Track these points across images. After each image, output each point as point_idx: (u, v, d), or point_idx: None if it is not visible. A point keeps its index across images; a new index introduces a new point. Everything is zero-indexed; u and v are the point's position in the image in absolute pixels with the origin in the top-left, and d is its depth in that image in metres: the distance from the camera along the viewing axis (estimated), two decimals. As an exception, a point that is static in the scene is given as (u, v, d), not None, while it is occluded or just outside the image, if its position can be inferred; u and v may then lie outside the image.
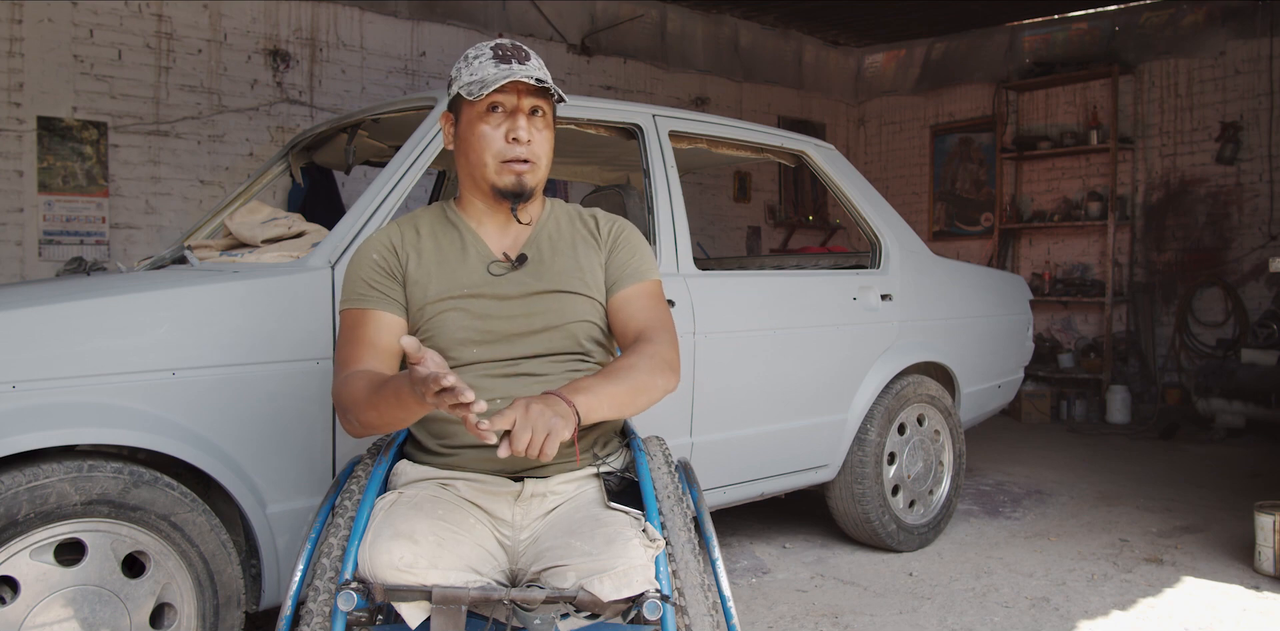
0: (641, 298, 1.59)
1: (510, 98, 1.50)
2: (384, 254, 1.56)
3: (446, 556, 1.28)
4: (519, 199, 1.55)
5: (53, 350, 1.70)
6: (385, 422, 1.37)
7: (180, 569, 1.80)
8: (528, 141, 1.51)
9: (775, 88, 7.51)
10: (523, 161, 1.51)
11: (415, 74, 5.57)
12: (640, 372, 1.43)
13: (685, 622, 1.36)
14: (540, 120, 1.53)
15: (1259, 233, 5.94)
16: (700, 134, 2.90)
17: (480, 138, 1.52)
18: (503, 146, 1.51)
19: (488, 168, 1.53)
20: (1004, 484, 4.33)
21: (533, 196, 1.58)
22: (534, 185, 1.55)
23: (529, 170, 1.52)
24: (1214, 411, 5.53)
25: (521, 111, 1.51)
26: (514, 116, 1.50)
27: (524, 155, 1.51)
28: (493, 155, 1.52)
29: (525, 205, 1.58)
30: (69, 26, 4.42)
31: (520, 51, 1.52)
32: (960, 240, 7.41)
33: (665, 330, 1.55)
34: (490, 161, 1.52)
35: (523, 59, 1.51)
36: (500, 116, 1.51)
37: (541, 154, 1.54)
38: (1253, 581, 2.95)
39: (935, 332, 3.41)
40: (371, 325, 1.51)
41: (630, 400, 1.41)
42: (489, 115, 1.51)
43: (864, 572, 3.05)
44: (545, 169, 1.56)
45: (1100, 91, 6.60)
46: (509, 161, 1.51)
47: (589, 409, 1.31)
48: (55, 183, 4.42)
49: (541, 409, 1.22)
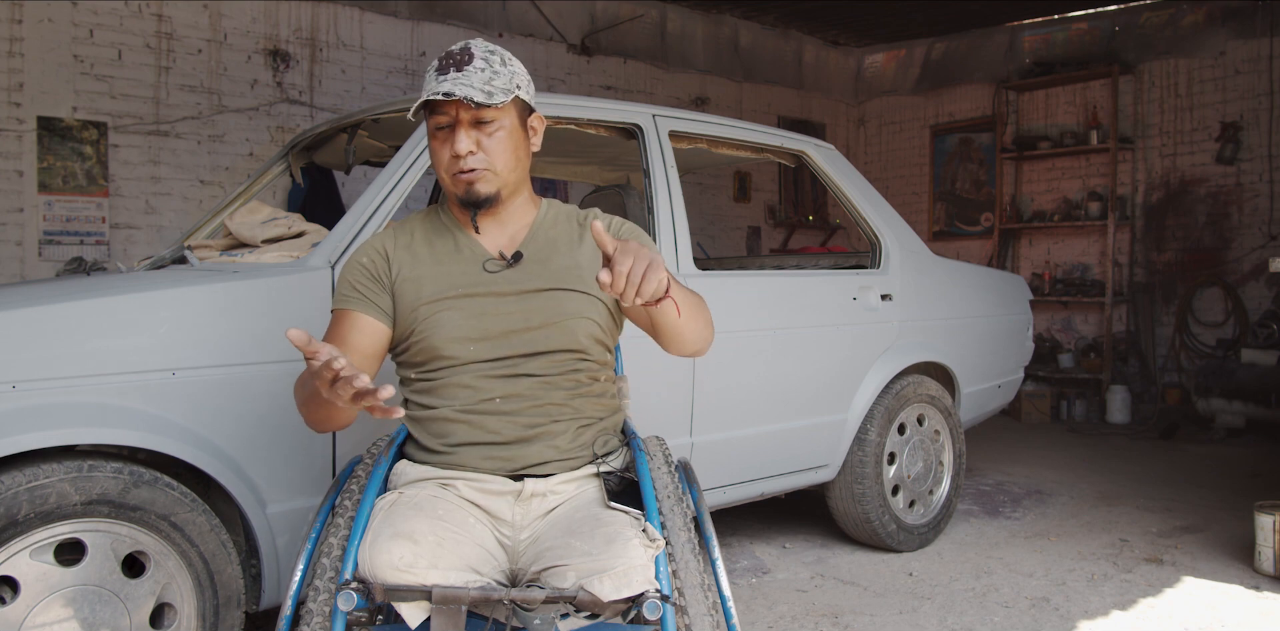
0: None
1: (449, 112, 1.47)
2: (374, 258, 1.56)
3: (446, 556, 1.28)
4: (477, 207, 1.53)
5: (53, 350, 1.70)
6: (318, 419, 1.41)
7: (180, 569, 1.80)
8: (468, 153, 1.47)
9: (775, 88, 7.51)
10: (469, 170, 1.49)
11: (415, 74, 5.57)
12: (705, 309, 1.51)
13: (685, 622, 1.36)
14: (490, 125, 1.48)
15: (1259, 233, 5.94)
16: (700, 134, 2.90)
17: (434, 157, 1.54)
18: (449, 161, 1.50)
19: (445, 182, 1.54)
20: (1004, 484, 4.33)
21: (496, 202, 1.53)
22: (490, 192, 1.51)
23: (479, 177, 1.49)
24: (1214, 411, 5.53)
25: (462, 125, 1.47)
26: (455, 131, 1.48)
27: (469, 166, 1.48)
28: (444, 170, 1.52)
29: (490, 212, 1.55)
30: (69, 26, 4.42)
31: (465, 56, 1.46)
32: (960, 240, 7.41)
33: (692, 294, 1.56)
34: (445, 176, 1.53)
35: (462, 65, 1.44)
36: (447, 131, 1.49)
37: (496, 159, 1.50)
38: (1253, 581, 2.95)
39: (935, 332, 3.41)
40: (347, 325, 1.51)
41: (695, 315, 1.45)
42: (437, 134, 1.51)
43: (864, 572, 3.05)
44: (508, 172, 1.52)
45: (1100, 91, 6.60)
46: (455, 174, 1.50)
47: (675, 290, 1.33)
48: (55, 183, 4.42)
49: (642, 249, 1.22)
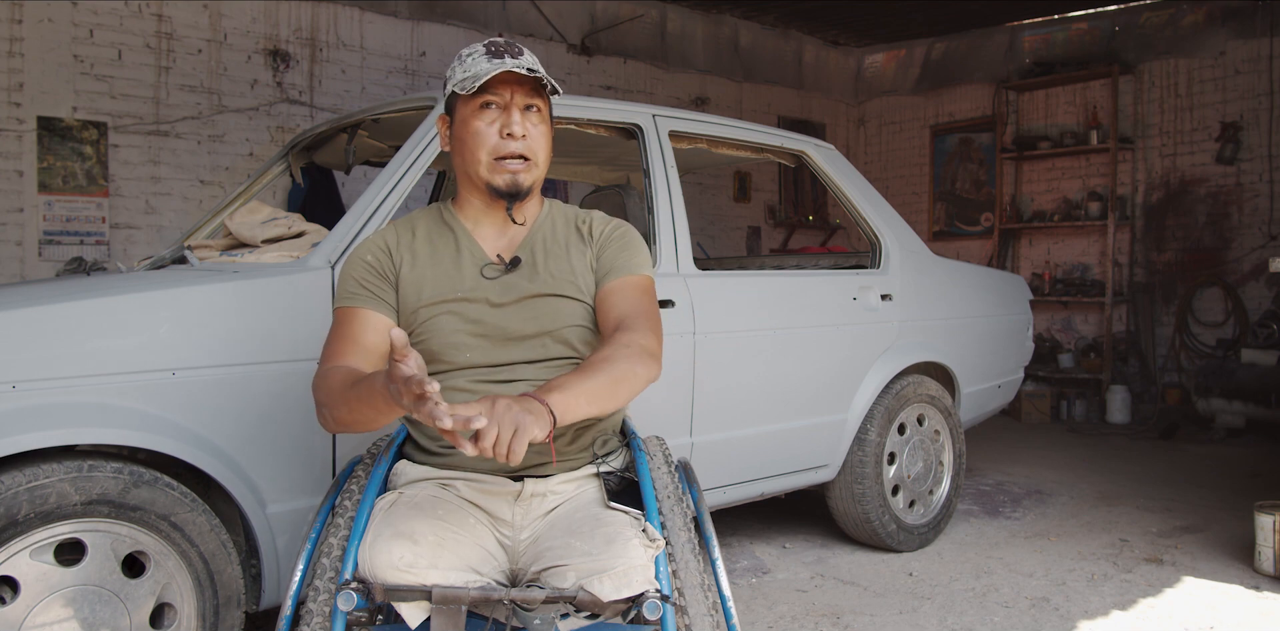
0: (625, 289, 1.55)
1: (504, 94, 1.48)
2: (378, 255, 1.55)
3: (446, 556, 1.28)
4: (514, 198, 1.53)
5: (53, 350, 1.70)
6: (355, 420, 1.33)
7: (180, 569, 1.80)
8: (522, 136, 1.48)
9: (775, 88, 7.51)
10: (518, 157, 1.49)
11: (415, 74, 5.57)
12: (618, 362, 1.36)
13: (685, 622, 1.36)
14: (536, 116, 1.51)
15: (1259, 233, 5.94)
16: (700, 134, 2.90)
17: (475, 135, 1.50)
18: (497, 142, 1.49)
19: (481, 165, 1.51)
20: (1004, 484, 4.33)
21: (529, 196, 1.55)
22: (530, 184, 1.53)
23: (525, 169, 1.50)
24: (1214, 411, 5.53)
25: (516, 107, 1.49)
26: (508, 112, 1.49)
27: (519, 150, 1.49)
28: (487, 152, 1.50)
29: (521, 205, 1.56)
30: (69, 26, 4.42)
31: (513, 47, 1.49)
32: (960, 240, 7.41)
33: (645, 318, 1.50)
34: (485, 158, 1.50)
35: (515, 54, 1.48)
36: (494, 112, 1.49)
37: (538, 150, 1.52)
38: (1253, 581, 2.95)
39: (935, 332, 3.41)
40: (358, 323, 1.50)
41: (610, 393, 1.33)
42: (483, 112, 1.49)
43: (864, 572, 3.05)
44: (543, 168, 1.54)
45: (1100, 91, 6.60)
46: (503, 158, 1.49)
47: (565, 407, 1.23)
48: (55, 183, 4.42)
49: (509, 404, 1.15)
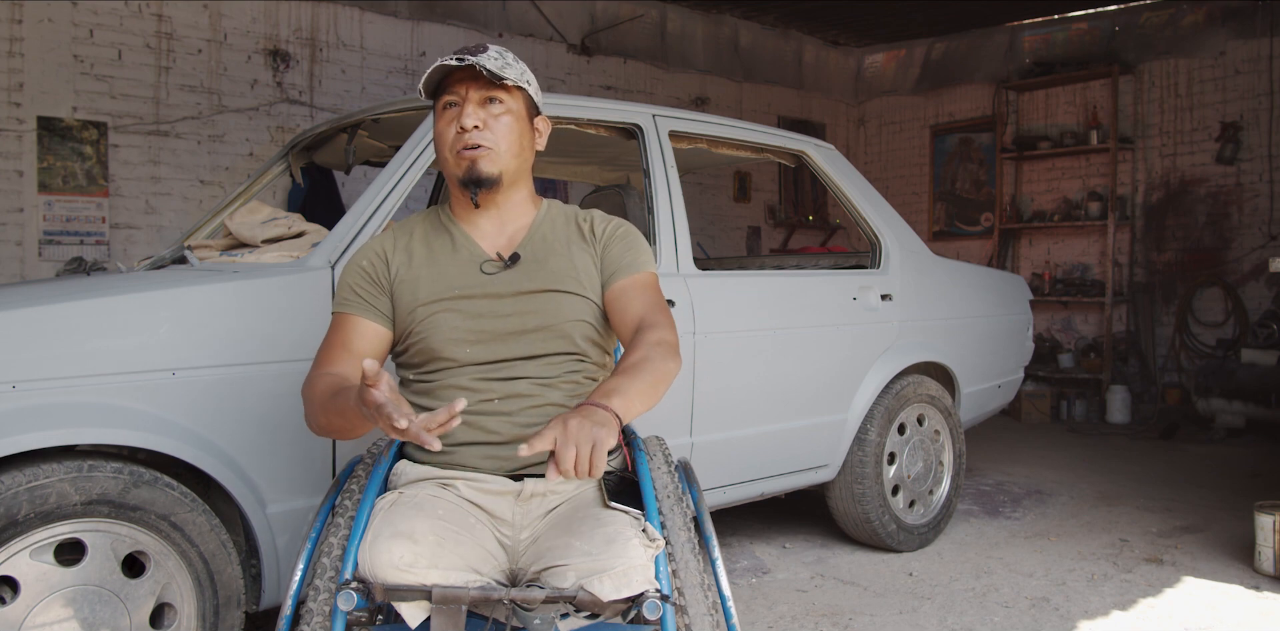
0: (637, 288, 1.57)
1: (460, 91, 1.51)
2: (373, 261, 1.57)
3: (446, 556, 1.28)
4: (478, 186, 1.53)
5: (53, 350, 1.70)
6: (336, 428, 1.39)
7: (180, 569, 1.80)
8: (474, 127, 1.50)
9: (775, 88, 7.51)
10: (474, 147, 1.51)
11: (415, 74, 5.57)
12: (655, 362, 1.41)
13: (685, 622, 1.36)
14: (498, 107, 1.52)
15: (1259, 233, 5.94)
16: (700, 134, 2.89)
17: (439, 136, 1.54)
18: (454, 137, 1.52)
19: (449, 163, 1.54)
20: (1004, 484, 4.33)
21: (497, 184, 1.55)
22: (492, 171, 1.52)
23: (482, 154, 1.51)
24: (1214, 411, 5.53)
25: (470, 101, 1.51)
26: (463, 107, 1.51)
27: (472, 141, 1.50)
28: (449, 149, 1.53)
29: (490, 194, 1.56)
30: (69, 26, 4.42)
31: (480, 47, 1.51)
32: (960, 240, 7.41)
33: (662, 313, 1.55)
34: (449, 156, 1.53)
35: (477, 52, 1.49)
36: (454, 111, 1.52)
37: (499, 139, 1.52)
38: (1253, 581, 2.95)
39: (935, 332, 3.41)
40: (349, 329, 1.52)
41: (654, 392, 1.39)
42: (445, 113, 1.53)
43: (864, 572, 3.05)
44: (508, 156, 1.54)
45: (1100, 91, 6.60)
46: (460, 150, 1.51)
47: (625, 409, 1.28)
48: (55, 183, 4.42)
49: (580, 421, 1.19)
